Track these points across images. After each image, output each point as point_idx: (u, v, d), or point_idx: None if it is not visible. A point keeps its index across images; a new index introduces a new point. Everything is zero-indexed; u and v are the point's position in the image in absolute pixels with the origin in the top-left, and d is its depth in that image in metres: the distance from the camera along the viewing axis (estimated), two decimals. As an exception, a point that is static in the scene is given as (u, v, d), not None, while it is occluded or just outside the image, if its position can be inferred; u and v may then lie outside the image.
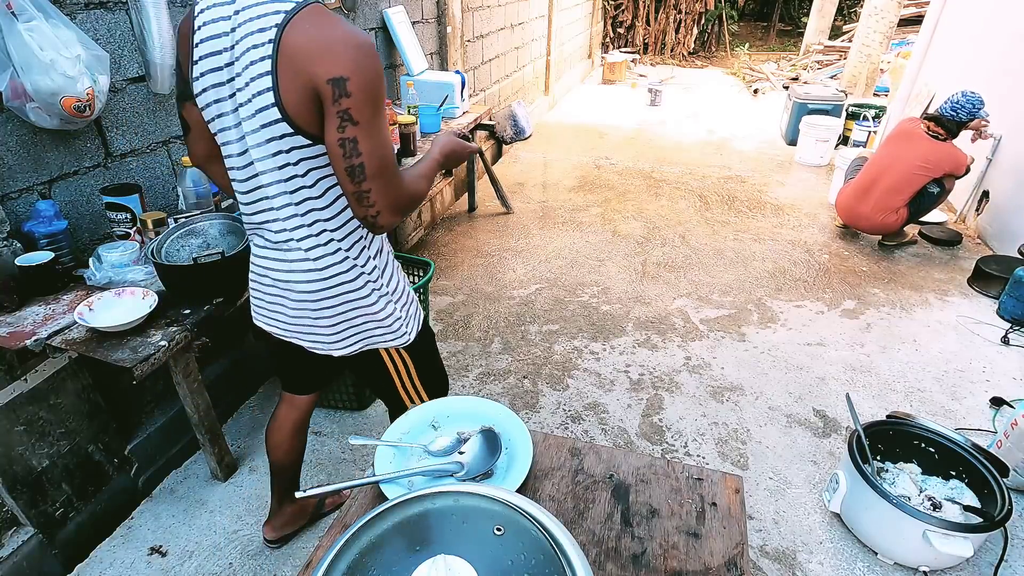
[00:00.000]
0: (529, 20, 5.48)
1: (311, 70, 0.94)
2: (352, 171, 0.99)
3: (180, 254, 1.62)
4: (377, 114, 0.99)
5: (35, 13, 1.38)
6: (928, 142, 3.20)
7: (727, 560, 0.79)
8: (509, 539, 0.66)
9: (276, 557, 1.71)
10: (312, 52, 0.94)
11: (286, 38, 0.94)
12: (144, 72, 1.77)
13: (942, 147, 3.17)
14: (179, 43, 1.09)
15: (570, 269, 3.31)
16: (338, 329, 1.24)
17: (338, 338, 1.25)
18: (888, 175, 3.28)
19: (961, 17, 4.44)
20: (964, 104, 3.14)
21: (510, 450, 0.93)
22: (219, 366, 2.19)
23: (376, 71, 0.97)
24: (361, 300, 1.21)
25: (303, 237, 1.13)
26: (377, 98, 0.98)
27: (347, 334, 1.25)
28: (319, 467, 2.02)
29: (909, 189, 3.24)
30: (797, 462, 2.05)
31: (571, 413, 2.28)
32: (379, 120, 0.99)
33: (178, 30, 1.10)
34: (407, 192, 1.07)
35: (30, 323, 1.46)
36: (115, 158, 1.78)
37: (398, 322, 1.28)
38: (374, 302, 1.23)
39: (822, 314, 2.91)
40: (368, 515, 0.66)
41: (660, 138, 5.81)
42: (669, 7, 10.15)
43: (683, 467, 0.94)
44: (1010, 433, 1.88)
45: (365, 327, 1.26)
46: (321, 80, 0.94)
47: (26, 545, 1.54)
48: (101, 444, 1.74)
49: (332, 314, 1.21)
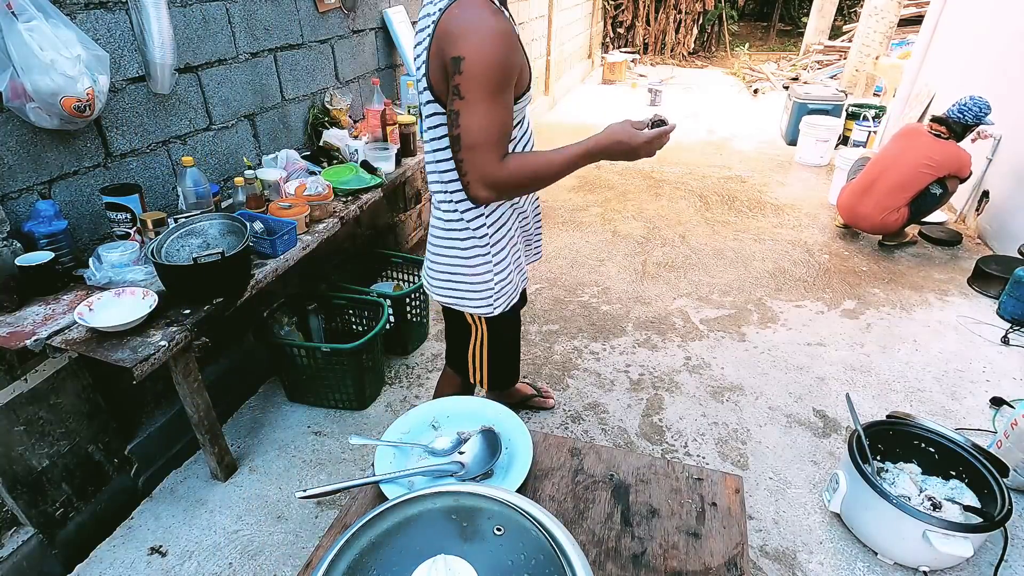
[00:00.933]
0: (529, 20, 5.48)
1: (446, 48, 1.09)
2: (453, 140, 1.14)
3: (180, 254, 1.62)
4: (485, 95, 1.08)
5: (35, 13, 1.38)
6: (932, 141, 3.20)
7: (727, 560, 0.79)
8: (509, 539, 0.66)
9: (276, 557, 1.71)
10: (450, 33, 1.08)
11: (440, 23, 1.10)
12: (144, 72, 1.77)
13: (946, 146, 3.17)
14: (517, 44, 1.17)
15: (570, 269, 3.31)
16: (440, 276, 1.42)
17: (437, 282, 1.44)
18: (890, 173, 3.28)
19: (961, 17, 4.44)
20: (971, 107, 3.14)
21: (510, 450, 0.93)
22: (219, 366, 2.19)
23: (493, 57, 1.07)
24: (464, 258, 1.37)
25: (435, 192, 1.35)
26: (488, 81, 1.08)
27: (444, 282, 1.42)
28: (319, 467, 2.02)
29: (911, 188, 3.23)
30: (797, 462, 2.05)
31: (571, 413, 2.28)
32: (486, 101, 1.09)
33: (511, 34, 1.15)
34: (506, 172, 1.14)
35: (30, 323, 1.46)
36: (115, 158, 1.78)
37: (490, 292, 1.40)
38: (476, 265, 1.37)
39: (822, 314, 2.91)
40: (368, 515, 0.65)
41: (660, 138, 5.80)
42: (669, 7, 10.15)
43: (683, 467, 0.94)
44: (1010, 433, 1.88)
45: (460, 284, 1.40)
46: (448, 57, 1.09)
47: (26, 545, 1.54)
48: (101, 444, 1.74)
49: (440, 262, 1.41)
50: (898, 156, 3.29)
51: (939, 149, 3.17)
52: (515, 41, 1.13)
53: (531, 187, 1.23)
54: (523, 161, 1.16)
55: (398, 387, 2.39)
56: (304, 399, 2.29)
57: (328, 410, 2.27)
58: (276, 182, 2.06)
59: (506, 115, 1.12)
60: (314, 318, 2.33)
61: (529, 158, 1.17)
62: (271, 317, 2.22)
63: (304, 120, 2.54)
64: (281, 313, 2.25)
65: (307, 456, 2.06)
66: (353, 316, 2.46)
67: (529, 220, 1.54)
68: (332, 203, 2.10)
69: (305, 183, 2.07)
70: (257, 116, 2.29)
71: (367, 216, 2.88)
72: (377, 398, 2.33)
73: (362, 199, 2.21)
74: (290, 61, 2.40)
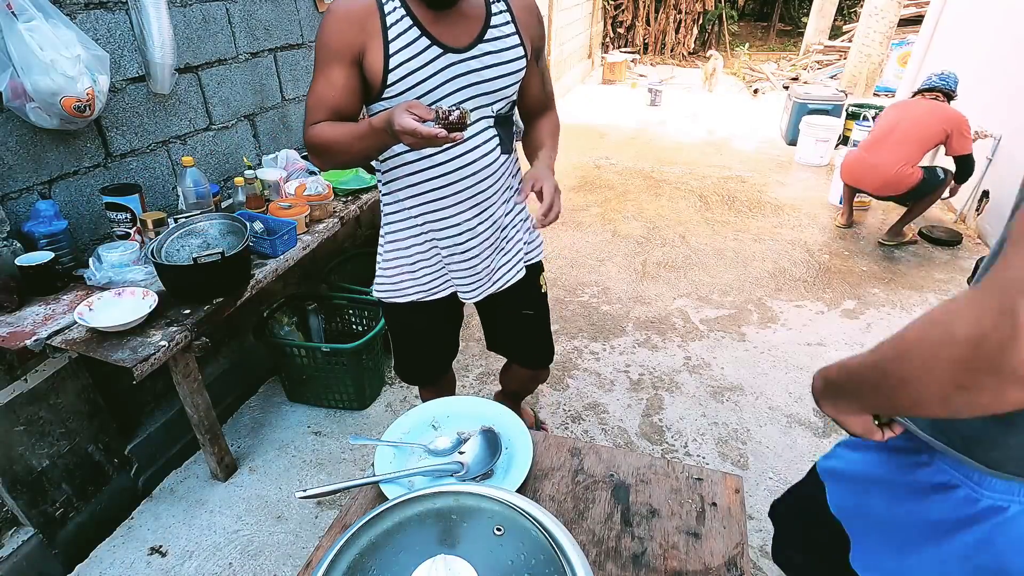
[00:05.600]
0: (529, 20, 5.47)
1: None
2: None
3: (180, 254, 1.62)
4: (314, 67, 1.18)
5: (35, 13, 1.38)
6: (929, 101, 3.31)
7: (727, 560, 0.79)
8: (509, 539, 0.66)
9: (276, 557, 1.71)
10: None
11: None
12: (144, 72, 1.77)
13: (943, 104, 3.29)
14: None
15: (570, 269, 3.31)
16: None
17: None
18: (906, 123, 3.30)
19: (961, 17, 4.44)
20: (949, 75, 3.36)
21: (510, 450, 0.93)
22: (219, 366, 2.19)
23: (319, 34, 1.14)
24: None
25: None
26: (315, 55, 1.17)
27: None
28: (319, 467, 2.02)
29: (927, 141, 3.25)
30: (797, 462, 2.05)
31: (571, 413, 2.28)
32: (313, 72, 1.19)
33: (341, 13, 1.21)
34: (308, 136, 1.19)
35: (30, 323, 1.46)
36: (115, 158, 1.78)
37: (378, 273, 1.43)
38: (380, 243, 1.42)
39: (822, 314, 2.91)
40: (368, 515, 0.66)
41: (660, 138, 5.81)
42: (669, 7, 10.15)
43: (683, 467, 0.94)
44: (1010, 433, 1.88)
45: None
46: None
47: (26, 545, 1.54)
48: (101, 444, 1.74)
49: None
50: (909, 109, 3.35)
51: (938, 106, 3.27)
52: (343, 22, 1.11)
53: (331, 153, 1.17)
54: (322, 129, 1.17)
55: (398, 387, 2.39)
56: (304, 399, 2.29)
57: (328, 410, 2.27)
58: (276, 182, 2.06)
59: (321, 88, 1.16)
60: (314, 318, 2.33)
61: (327, 128, 1.17)
62: (271, 317, 2.22)
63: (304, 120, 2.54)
64: (281, 313, 2.25)
65: (307, 456, 2.06)
66: (353, 316, 2.46)
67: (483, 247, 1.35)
68: (332, 203, 2.10)
69: (305, 183, 2.07)
70: (257, 116, 2.29)
71: (367, 216, 2.88)
72: (377, 398, 2.33)
73: (362, 199, 2.21)
74: (290, 61, 2.40)
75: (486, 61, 1.17)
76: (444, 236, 1.32)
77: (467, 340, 2.70)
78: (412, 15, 1.12)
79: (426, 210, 1.29)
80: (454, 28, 1.15)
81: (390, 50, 1.12)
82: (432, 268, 1.38)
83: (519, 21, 1.22)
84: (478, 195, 1.28)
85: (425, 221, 1.31)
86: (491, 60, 1.17)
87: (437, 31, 1.14)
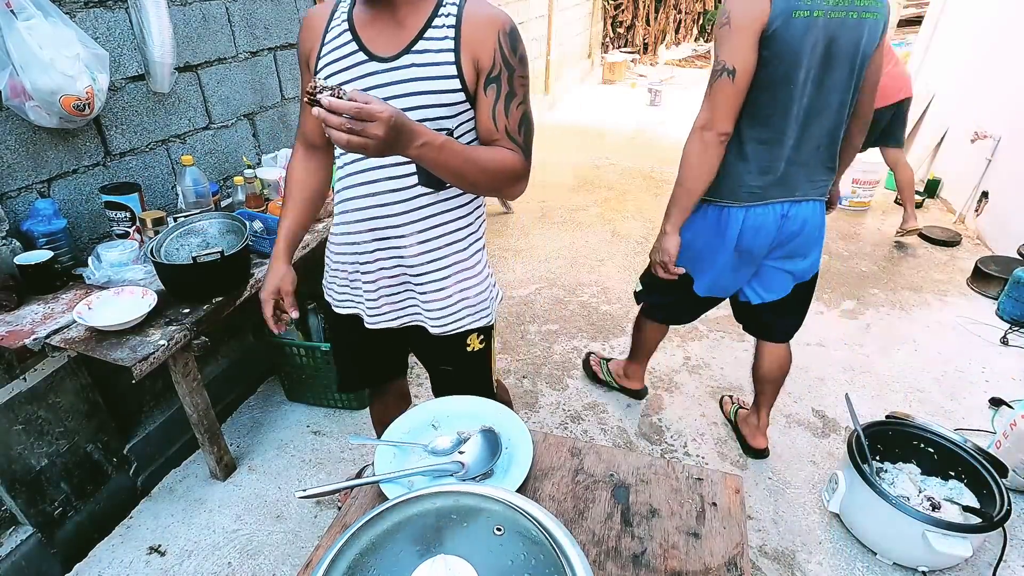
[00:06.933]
0: (529, 20, 5.48)
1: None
2: None
3: (179, 253, 1.62)
4: None
5: (34, 11, 1.37)
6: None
7: (727, 560, 0.79)
8: (509, 539, 0.66)
9: (276, 557, 1.71)
10: None
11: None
12: (144, 71, 1.77)
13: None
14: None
15: (570, 269, 3.31)
16: None
17: None
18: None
19: (961, 17, 4.44)
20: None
21: (510, 450, 0.93)
22: (218, 365, 2.19)
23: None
24: None
25: None
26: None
27: None
28: (319, 467, 2.02)
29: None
30: (796, 462, 2.05)
31: (571, 413, 2.27)
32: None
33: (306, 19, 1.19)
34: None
35: (29, 322, 1.46)
36: (114, 157, 1.77)
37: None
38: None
39: (822, 314, 2.91)
40: (368, 515, 0.65)
41: (660, 138, 5.81)
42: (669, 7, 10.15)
43: (683, 467, 0.94)
44: (1009, 433, 1.88)
45: None
46: None
47: (25, 544, 1.54)
48: (100, 443, 1.74)
49: None
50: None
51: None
52: (305, 30, 1.14)
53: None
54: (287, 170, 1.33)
55: (397, 387, 2.39)
56: (303, 398, 2.28)
57: (327, 409, 2.26)
58: (276, 181, 2.06)
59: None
60: (314, 317, 2.32)
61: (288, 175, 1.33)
62: (270, 316, 2.21)
63: (304, 119, 2.54)
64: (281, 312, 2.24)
65: (306, 456, 2.06)
66: (352, 315, 2.45)
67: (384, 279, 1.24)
68: (331, 203, 2.09)
69: (305, 182, 2.07)
70: (257, 115, 2.29)
71: (367, 215, 2.88)
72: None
73: (362, 198, 2.21)
74: (290, 60, 2.39)
75: (407, 75, 1.02)
76: (352, 252, 1.24)
77: (467, 340, 2.69)
78: (351, 18, 1.07)
79: (339, 220, 1.23)
80: (384, 34, 1.04)
81: (322, 52, 1.09)
82: (344, 281, 1.30)
83: (465, 38, 1.02)
84: (378, 220, 1.15)
85: (342, 232, 1.24)
86: (413, 74, 1.02)
87: (368, 36, 1.05)
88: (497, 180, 1.06)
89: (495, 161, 1.04)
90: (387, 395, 1.59)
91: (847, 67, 1.43)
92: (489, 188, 1.09)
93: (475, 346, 1.32)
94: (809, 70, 1.40)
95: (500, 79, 1.04)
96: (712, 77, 1.43)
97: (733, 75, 1.38)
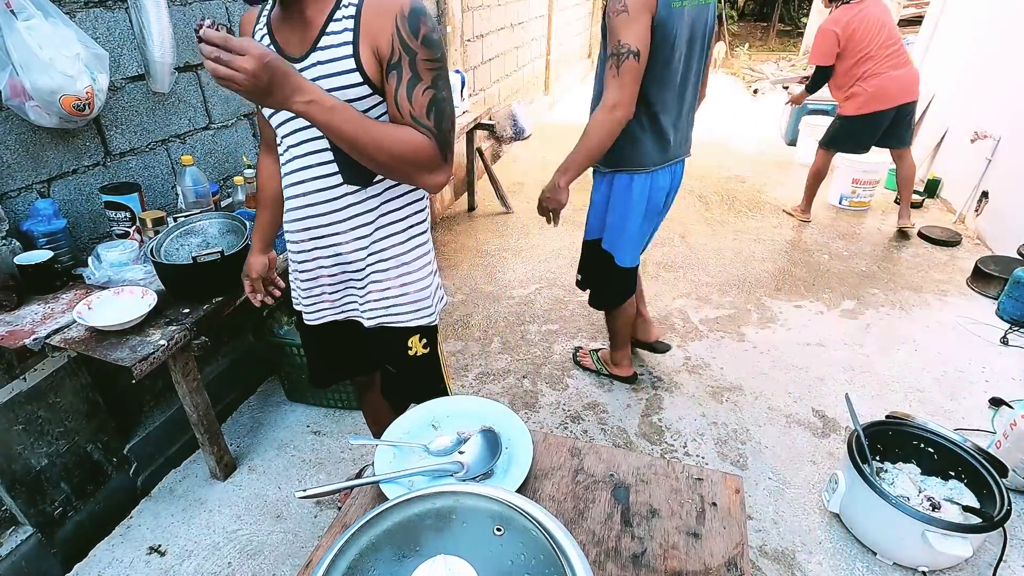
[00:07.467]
0: (529, 20, 5.47)
1: None
2: None
3: (179, 253, 1.62)
4: None
5: (34, 11, 1.37)
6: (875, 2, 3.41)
7: (727, 560, 0.79)
8: (509, 539, 0.66)
9: (276, 557, 1.71)
10: None
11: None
12: (144, 71, 1.77)
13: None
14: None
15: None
16: None
17: None
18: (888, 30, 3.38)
19: (961, 17, 4.44)
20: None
21: (510, 450, 0.93)
22: (218, 365, 2.19)
23: None
24: None
25: None
26: None
27: None
28: (319, 467, 2.02)
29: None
30: (796, 462, 2.05)
31: (571, 413, 2.27)
32: None
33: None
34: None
35: (29, 322, 1.46)
36: (114, 157, 1.77)
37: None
38: None
39: (822, 314, 2.91)
40: (368, 515, 0.65)
41: (660, 138, 5.80)
42: (669, 7, 10.13)
43: (683, 467, 0.94)
44: (1009, 433, 1.88)
45: None
46: None
47: (25, 544, 1.54)
48: (100, 443, 1.74)
49: None
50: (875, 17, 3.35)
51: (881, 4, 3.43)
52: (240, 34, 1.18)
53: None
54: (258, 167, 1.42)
55: (397, 386, 2.39)
56: (303, 398, 2.28)
57: (327, 409, 2.26)
58: (276, 181, 2.06)
59: None
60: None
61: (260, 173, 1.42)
62: (270, 316, 2.21)
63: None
64: (280, 312, 2.25)
65: (306, 455, 2.06)
66: (352, 315, 2.45)
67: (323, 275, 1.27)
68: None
69: (305, 182, 2.07)
70: (256, 115, 2.29)
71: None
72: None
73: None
74: (290, 60, 2.39)
75: (315, 73, 1.01)
76: (293, 251, 1.28)
77: (466, 340, 2.70)
78: (269, 20, 1.09)
79: (284, 220, 1.28)
80: (295, 34, 1.04)
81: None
82: (294, 278, 1.34)
83: (364, 28, 0.99)
84: (310, 220, 1.18)
85: (285, 231, 1.28)
86: (320, 72, 1.01)
87: (283, 38, 1.06)
88: (400, 160, 1.01)
89: (396, 139, 1.00)
90: (372, 392, 1.64)
91: (700, 45, 1.76)
92: (391, 168, 1.03)
93: (418, 350, 1.32)
94: (681, 50, 1.69)
95: (401, 65, 1.00)
96: (618, 60, 1.61)
97: (638, 56, 1.59)
